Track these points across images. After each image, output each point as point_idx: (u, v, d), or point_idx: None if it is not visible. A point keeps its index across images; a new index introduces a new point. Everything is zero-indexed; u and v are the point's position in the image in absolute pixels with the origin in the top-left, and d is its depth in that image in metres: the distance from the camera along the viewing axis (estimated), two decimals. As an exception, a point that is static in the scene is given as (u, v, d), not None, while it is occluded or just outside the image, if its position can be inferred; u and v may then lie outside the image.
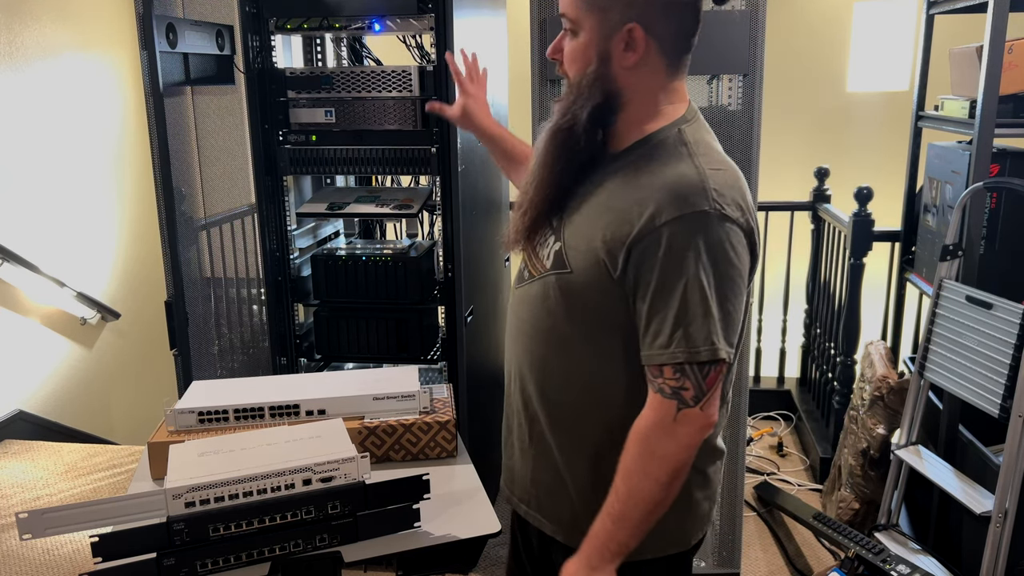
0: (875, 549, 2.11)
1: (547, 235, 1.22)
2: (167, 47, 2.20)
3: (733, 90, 2.08)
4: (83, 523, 1.06)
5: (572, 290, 1.16)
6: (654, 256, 1.07)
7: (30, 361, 3.15)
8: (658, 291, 1.08)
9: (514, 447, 1.32)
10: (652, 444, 1.10)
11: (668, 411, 1.09)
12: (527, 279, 1.26)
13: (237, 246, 2.63)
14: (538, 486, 1.29)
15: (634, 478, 1.11)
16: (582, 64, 1.15)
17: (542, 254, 1.22)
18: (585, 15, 1.13)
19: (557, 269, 1.18)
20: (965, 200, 2.18)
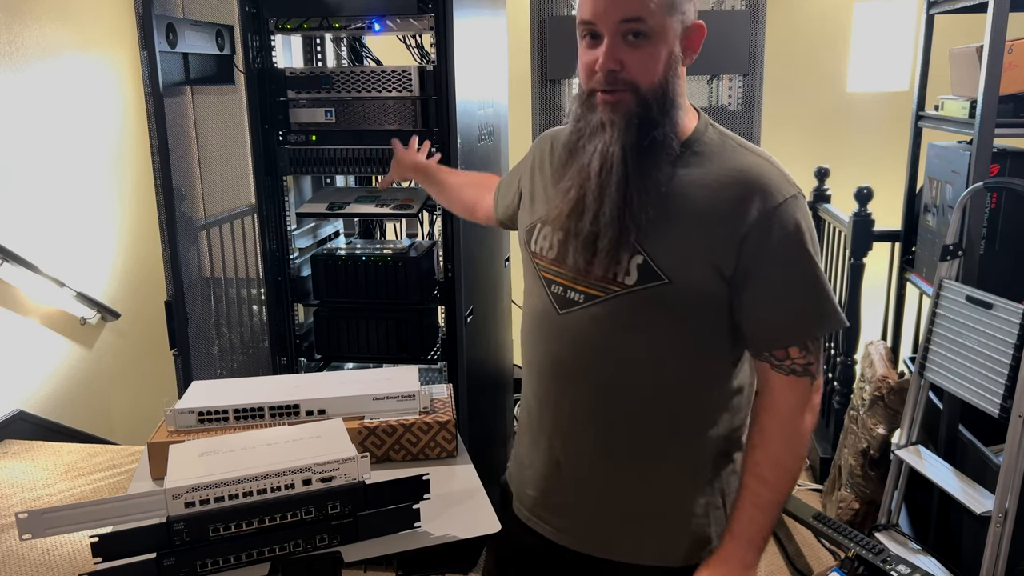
0: (875, 549, 2.11)
1: (614, 251, 1.12)
2: (167, 47, 2.20)
3: (733, 90, 2.08)
4: (83, 523, 1.06)
5: (669, 300, 1.12)
6: (767, 244, 1.09)
7: (30, 361, 3.15)
8: (777, 276, 1.11)
9: (582, 488, 1.25)
10: (797, 425, 1.14)
11: (804, 388, 1.14)
12: (582, 303, 1.17)
13: (237, 246, 2.63)
14: (626, 521, 1.24)
15: (785, 462, 1.14)
16: (659, 70, 1.10)
17: (611, 272, 1.14)
18: (664, 18, 1.08)
19: (647, 282, 1.12)
20: (965, 200, 2.18)
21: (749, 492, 1.16)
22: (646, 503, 1.22)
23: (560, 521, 1.29)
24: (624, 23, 1.07)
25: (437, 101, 2.16)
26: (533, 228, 1.27)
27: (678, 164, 1.14)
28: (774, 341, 1.14)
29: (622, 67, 1.09)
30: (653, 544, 1.23)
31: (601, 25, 1.09)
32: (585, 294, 1.17)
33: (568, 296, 1.19)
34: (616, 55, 1.09)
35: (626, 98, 1.10)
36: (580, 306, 1.18)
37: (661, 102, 1.11)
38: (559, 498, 1.28)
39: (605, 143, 1.12)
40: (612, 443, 1.21)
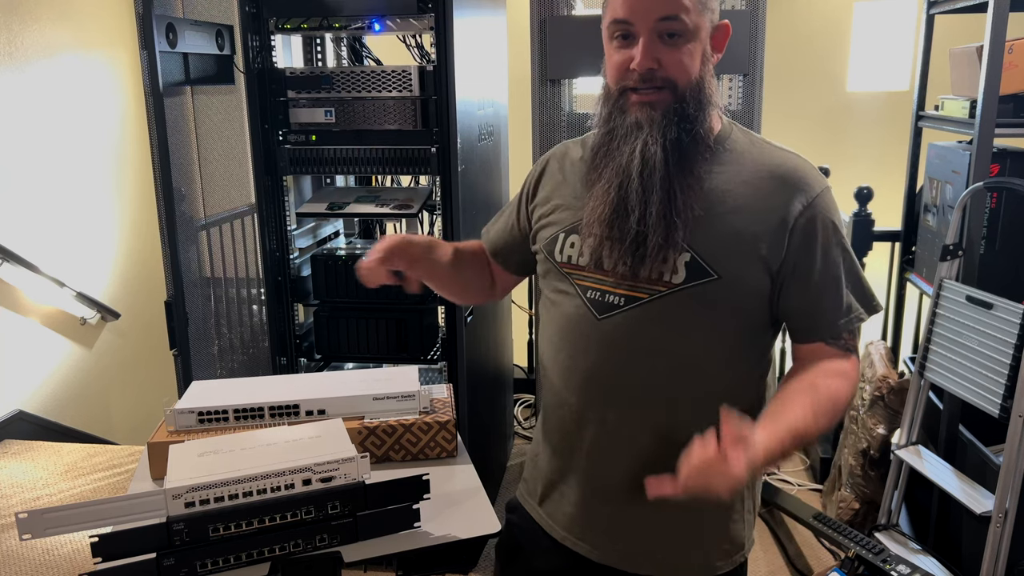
0: (875, 549, 2.11)
1: (663, 251, 1.11)
2: (167, 47, 2.20)
3: (733, 90, 2.08)
4: (83, 523, 1.06)
5: (718, 296, 1.12)
6: (813, 235, 1.12)
7: (30, 361, 3.15)
8: (826, 267, 1.13)
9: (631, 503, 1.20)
10: (853, 386, 1.15)
11: (858, 366, 1.18)
12: (623, 306, 1.15)
13: (237, 246, 2.63)
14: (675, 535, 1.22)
15: (832, 409, 1.11)
16: (695, 69, 1.11)
17: (656, 272, 1.12)
18: (699, 17, 1.09)
19: (696, 279, 1.11)
20: (965, 200, 2.18)
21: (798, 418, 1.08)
22: (695, 514, 1.20)
23: (603, 540, 1.25)
24: (662, 21, 1.07)
25: (437, 101, 2.16)
26: (556, 239, 1.23)
27: (713, 162, 1.15)
28: (831, 328, 1.16)
29: (660, 65, 1.09)
30: (698, 555, 1.23)
31: (638, 24, 1.08)
32: (626, 296, 1.15)
33: (607, 300, 1.16)
34: (654, 53, 1.09)
35: (665, 96, 1.11)
36: (621, 310, 1.15)
37: (698, 99, 1.12)
38: (604, 516, 1.24)
39: (644, 143, 1.11)
40: (663, 451, 1.14)
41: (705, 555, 1.23)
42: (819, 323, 1.16)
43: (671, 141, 1.10)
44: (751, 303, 1.14)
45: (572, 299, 1.20)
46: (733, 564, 1.24)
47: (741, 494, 1.24)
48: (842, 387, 1.13)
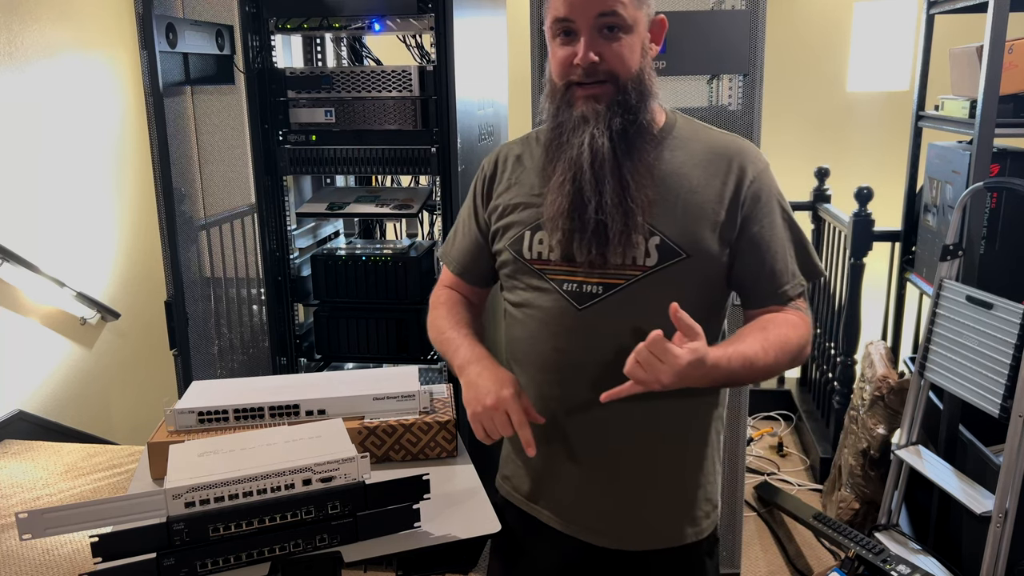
0: (875, 549, 2.11)
1: (626, 236, 1.16)
2: (167, 47, 2.20)
3: (733, 90, 2.08)
4: (83, 523, 1.06)
5: (689, 274, 1.19)
6: (760, 207, 1.21)
7: (30, 361, 3.15)
8: (773, 236, 1.22)
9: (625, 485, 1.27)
10: (802, 337, 1.21)
11: (809, 324, 1.25)
12: (602, 294, 1.19)
13: (237, 246, 2.62)
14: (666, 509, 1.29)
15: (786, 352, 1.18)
16: (635, 61, 1.17)
17: (629, 257, 1.18)
18: (636, 11, 1.15)
19: (668, 260, 1.18)
20: (965, 200, 2.18)
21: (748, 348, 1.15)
22: (681, 487, 1.28)
23: (604, 524, 1.29)
24: (600, 17, 1.13)
25: (437, 101, 2.16)
26: (521, 238, 1.26)
27: (663, 149, 1.22)
28: (780, 294, 1.23)
29: (601, 59, 1.14)
30: (688, 524, 1.30)
31: (578, 21, 1.13)
32: (603, 285, 1.19)
33: (585, 290, 1.20)
34: (595, 48, 1.14)
35: (607, 89, 1.16)
36: (600, 298, 1.19)
37: (639, 90, 1.17)
38: (601, 500, 1.28)
39: (592, 135, 1.16)
40: (650, 431, 1.24)
41: (694, 519, 1.30)
42: (768, 288, 1.23)
43: (617, 132, 1.16)
44: (715, 277, 1.22)
45: (549, 294, 1.23)
46: (712, 524, 1.33)
47: (713, 460, 1.32)
48: (791, 333, 1.20)
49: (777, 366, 1.18)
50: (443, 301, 1.42)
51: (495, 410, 1.19)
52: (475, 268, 1.39)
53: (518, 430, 1.18)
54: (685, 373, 1.05)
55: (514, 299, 1.30)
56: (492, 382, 1.21)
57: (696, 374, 1.07)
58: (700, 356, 1.06)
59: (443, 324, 1.37)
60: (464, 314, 1.39)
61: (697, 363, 1.06)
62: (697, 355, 1.06)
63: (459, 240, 1.41)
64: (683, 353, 1.05)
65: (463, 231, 1.40)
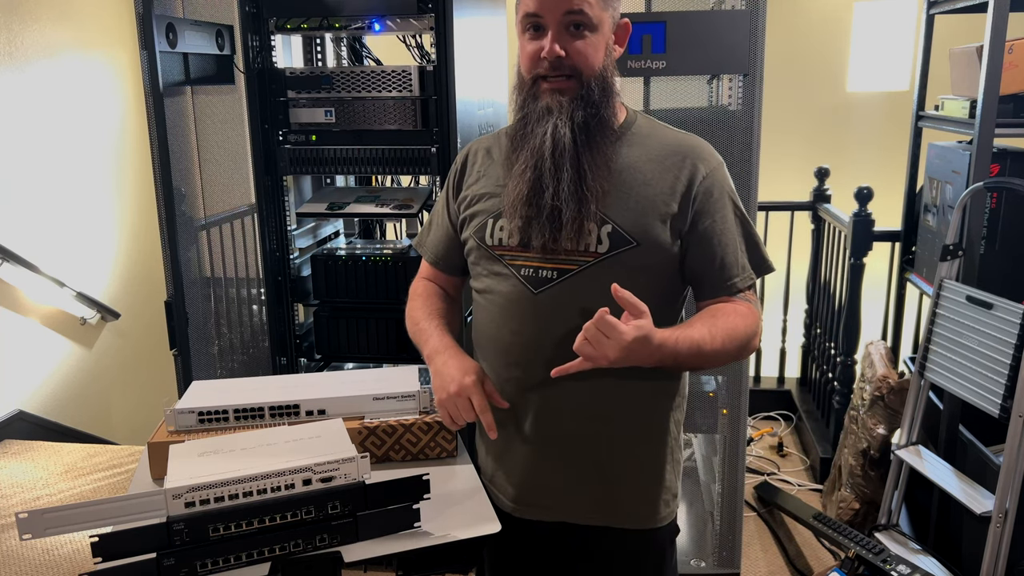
0: (875, 549, 2.11)
1: (577, 222, 1.22)
2: (167, 47, 2.20)
3: (733, 90, 2.08)
4: (83, 523, 1.06)
5: (639, 262, 1.24)
6: (711, 202, 1.26)
7: (30, 361, 3.15)
8: (724, 230, 1.26)
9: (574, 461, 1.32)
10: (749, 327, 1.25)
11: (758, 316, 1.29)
12: (556, 279, 1.25)
13: (237, 246, 2.62)
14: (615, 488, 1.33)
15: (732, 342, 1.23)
16: (599, 59, 1.23)
17: (583, 243, 1.24)
18: (602, 12, 1.22)
19: (618, 248, 1.23)
20: (965, 200, 2.18)
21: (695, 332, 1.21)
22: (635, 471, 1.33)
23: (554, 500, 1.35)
24: (568, 15, 1.19)
25: (437, 101, 2.16)
26: (485, 225, 1.32)
27: (621, 144, 1.28)
28: (729, 285, 1.28)
29: (567, 54, 1.21)
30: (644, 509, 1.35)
31: (547, 17, 1.20)
32: (558, 270, 1.25)
33: (541, 275, 1.26)
34: (561, 43, 1.20)
35: (571, 84, 1.23)
36: (555, 282, 1.25)
37: (602, 87, 1.24)
38: (553, 477, 1.33)
39: (555, 126, 1.22)
40: (603, 414, 1.30)
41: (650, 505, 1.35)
42: (718, 280, 1.28)
43: (579, 124, 1.22)
44: (666, 266, 1.27)
45: (507, 279, 1.29)
46: (672, 513, 1.37)
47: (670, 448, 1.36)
48: (739, 322, 1.25)
49: (725, 353, 1.23)
50: (419, 293, 1.48)
51: (458, 396, 1.26)
52: (448, 257, 1.45)
53: (479, 415, 1.26)
54: (631, 349, 1.11)
55: (478, 286, 1.36)
56: (456, 370, 1.28)
57: (643, 351, 1.13)
58: (645, 333, 1.12)
59: (417, 315, 1.43)
60: (438, 304, 1.45)
61: (643, 340, 1.12)
62: (642, 331, 1.11)
63: (433, 230, 1.48)
64: (628, 329, 1.10)
65: (437, 222, 1.46)
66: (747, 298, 1.30)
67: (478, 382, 1.27)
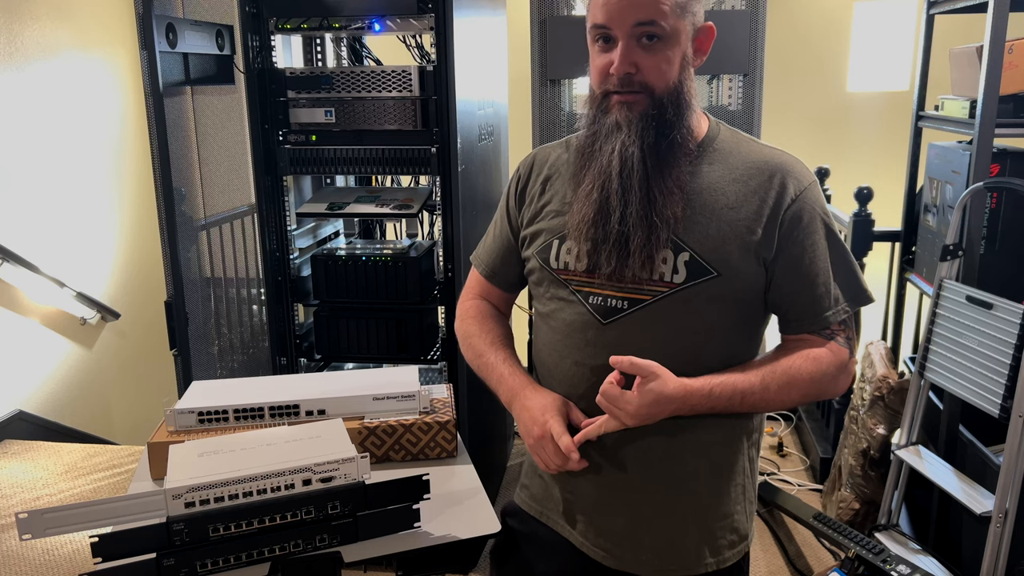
0: (875, 549, 2.11)
1: (647, 250, 1.13)
2: (167, 47, 2.20)
3: (733, 90, 2.08)
4: (83, 523, 1.06)
5: (720, 293, 1.14)
6: (800, 226, 1.15)
7: (30, 361, 3.15)
8: (813, 257, 1.15)
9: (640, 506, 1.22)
10: (824, 372, 1.14)
11: (843, 356, 1.17)
12: (627, 309, 1.16)
13: (237, 246, 2.63)
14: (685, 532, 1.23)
15: (791, 393, 1.13)
16: (672, 73, 1.13)
17: (658, 272, 1.14)
18: (677, 21, 1.11)
19: (697, 278, 1.13)
20: (965, 200, 2.18)
21: (741, 379, 1.13)
22: (701, 513, 1.23)
23: (610, 544, 1.25)
24: (638, 27, 1.09)
25: (437, 101, 2.16)
26: (549, 246, 1.23)
27: (701, 162, 1.18)
28: (817, 319, 1.17)
29: (637, 70, 1.11)
30: (709, 552, 1.24)
31: (616, 29, 1.10)
32: (629, 299, 1.16)
33: (610, 304, 1.17)
34: (631, 58, 1.10)
35: (642, 99, 1.12)
36: (625, 313, 1.16)
37: (676, 103, 1.13)
38: (614, 521, 1.24)
39: (623, 144, 1.12)
40: (671, 450, 1.19)
41: (715, 548, 1.24)
42: (805, 314, 1.18)
43: (649, 144, 1.12)
44: (749, 296, 1.16)
45: (574, 306, 1.20)
46: (738, 555, 1.26)
47: (743, 489, 1.25)
48: (805, 365, 1.15)
49: (781, 400, 1.14)
50: (473, 315, 1.40)
51: (543, 439, 1.19)
52: (504, 271, 1.37)
53: (568, 455, 1.16)
54: (645, 413, 1.07)
55: (542, 309, 1.28)
56: (537, 411, 1.20)
57: (664, 410, 1.07)
58: (655, 396, 1.07)
59: (479, 344, 1.35)
60: (497, 329, 1.37)
61: (655, 402, 1.06)
62: (651, 395, 1.06)
63: (490, 242, 1.39)
64: (632, 397, 1.07)
65: (495, 233, 1.38)
66: (833, 335, 1.18)
67: (560, 419, 1.18)
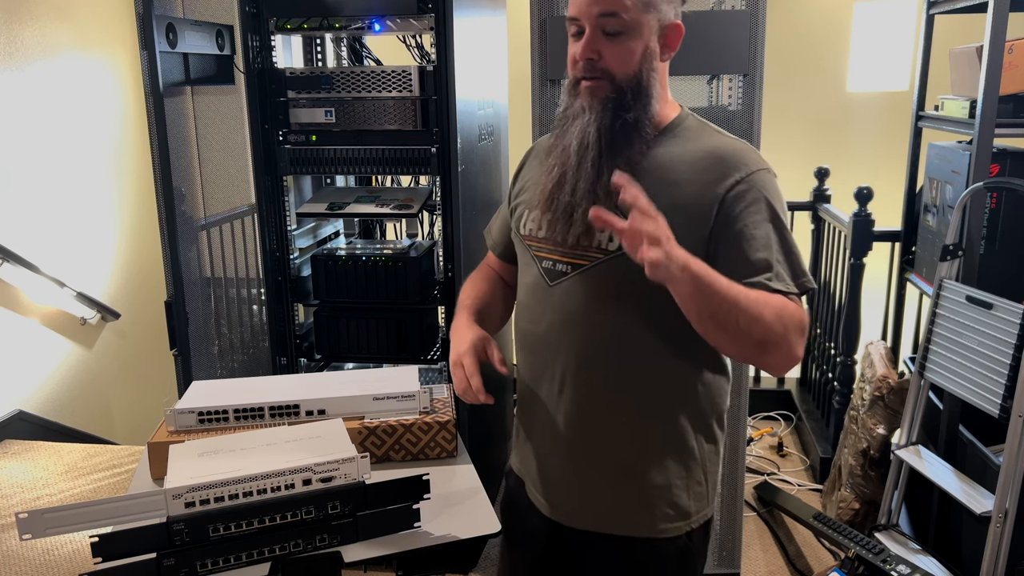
0: (875, 549, 2.11)
1: (582, 220, 1.22)
2: (167, 47, 2.20)
3: (733, 90, 2.08)
4: (83, 523, 1.06)
5: None
6: (741, 206, 1.19)
7: (30, 361, 3.15)
8: (753, 235, 1.19)
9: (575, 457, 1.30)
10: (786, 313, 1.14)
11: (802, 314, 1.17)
12: (569, 272, 1.26)
13: (237, 246, 2.63)
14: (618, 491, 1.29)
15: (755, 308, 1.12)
16: (633, 62, 1.21)
17: (596, 240, 1.23)
18: (640, 15, 1.19)
19: None
20: (965, 200, 2.18)
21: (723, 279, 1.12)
22: (634, 472, 1.28)
23: (555, 496, 1.33)
24: (602, 17, 1.18)
25: (437, 101, 2.16)
26: (522, 215, 1.35)
27: (658, 144, 1.25)
28: (759, 283, 1.18)
29: (600, 57, 1.20)
30: (642, 516, 1.29)
31: (584, 19, 1.20)
32: (572, 264, 1.26)
33: (556, 268, 1.28)
34: (594, 46, 1.20)
35: (604, 85, 1.22)
36: (568, 276, 1.26)
37: (636, 91, 1.22)
38: (555, 472, 1.33)
39: (584, 124, 1.23)
40: (599, 409, 1.27)
41: (647, 517, 1.29)
42: (746, 275, 1.18)
43: (605, 126, 1.21)
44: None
45: (532, 269, 1.33)
46: (677, 531, 1.29)
47: (687, 463, 1.29)
48: (771, 300, 1.14)
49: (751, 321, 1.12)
50: (473, 275, 1.54)
51: (455, 366, 1.29)
52: (503, 244, 1.49)
53: (469, 379, 1.26)
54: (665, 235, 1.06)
55: (519, 274, 1.40)
56: (458, 343, 1.32)
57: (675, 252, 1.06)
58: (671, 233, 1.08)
59: (463, 296, 1.47)
60: (483, 287, 1.48)
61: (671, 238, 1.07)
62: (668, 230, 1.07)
63: (497, 220, 1.54)
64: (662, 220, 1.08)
65: (501, 211, 1.53)
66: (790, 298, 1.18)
67: (471, 349, 1.28)
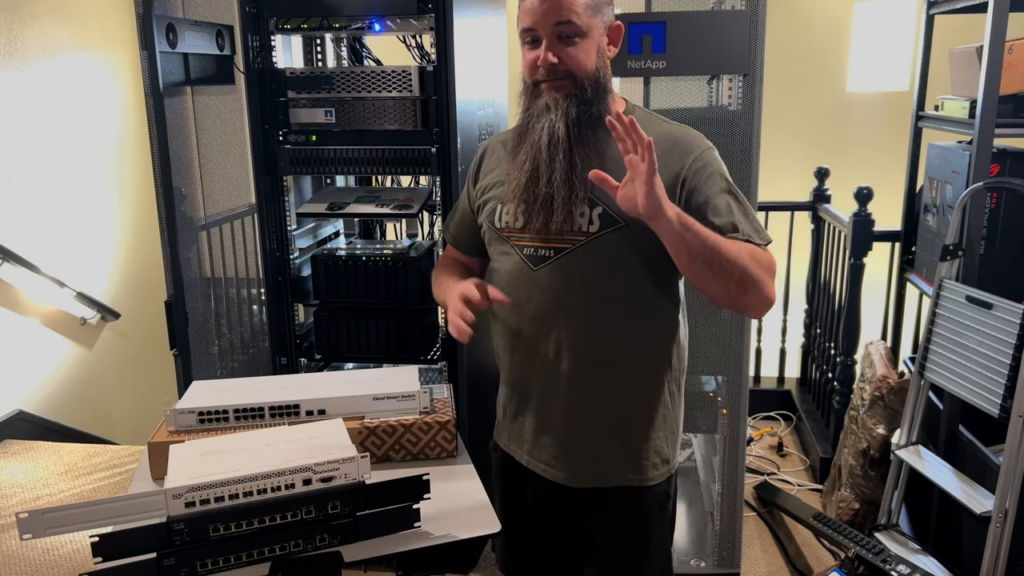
0: (875, 549, 2.11)
1: (567, 207, 1.34)
2: (167, 47, 2.20)
3: (733, 90, 2.08)
4: (83, 523, 1.06)
5: (629, 240, 1.34)
6: (701, 180, 1.33)
7: (30, 361, 3.16)
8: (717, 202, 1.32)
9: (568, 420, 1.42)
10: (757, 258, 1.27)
11: (770, 258, 1.31)
12: (553, 256, 1.37)
13: (237, 246, 2.62)
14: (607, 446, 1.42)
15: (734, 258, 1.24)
16: (590, 61, 1.34)
17: (576, 224, 1.35)
18: (591, 19, 1.33)
19: (608, 227, 1.34)
20: (965, 200, 2.18)
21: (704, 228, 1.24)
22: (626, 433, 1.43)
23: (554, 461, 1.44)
24: (558, 25, 1.31)
25: (437, 101, 2.16)
26: (495, 209, 1.45)
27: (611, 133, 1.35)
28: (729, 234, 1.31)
29: (560, 60, 1.33)
30: (631, 470, 1.43)
31: (540, 29, 1.32)
32: (555, 248, 1.37)
33: (539, 254, 1.39)
34: (555, 51, 1.32)
35: (567, 84, 1.34)
36: (552, 260, 1.38)
37: (595, 87, 1.35)
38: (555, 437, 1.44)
39: (552, 120, 1.34)
40: (594, 378, 1.40)
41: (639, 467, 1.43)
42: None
43: (572, 119, 1.33)
44: (658, 246, 1.29)
45: (512, 257, 1.43)
46: (662, 476, 1.45)
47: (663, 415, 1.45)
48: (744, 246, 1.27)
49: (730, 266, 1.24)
50: (441, 264, 1.66)
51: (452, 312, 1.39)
52: (465, 239, 1.61)
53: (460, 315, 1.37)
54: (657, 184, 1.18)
55: (492, 264, 1.51)
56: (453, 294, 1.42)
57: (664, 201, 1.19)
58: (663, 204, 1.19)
59: (438, 279, 1.59)
60: (452, 267, 1.60)
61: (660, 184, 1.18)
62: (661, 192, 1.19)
63: (456, 216, 1.64)
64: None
65: (459, 208, 1.63)
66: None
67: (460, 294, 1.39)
